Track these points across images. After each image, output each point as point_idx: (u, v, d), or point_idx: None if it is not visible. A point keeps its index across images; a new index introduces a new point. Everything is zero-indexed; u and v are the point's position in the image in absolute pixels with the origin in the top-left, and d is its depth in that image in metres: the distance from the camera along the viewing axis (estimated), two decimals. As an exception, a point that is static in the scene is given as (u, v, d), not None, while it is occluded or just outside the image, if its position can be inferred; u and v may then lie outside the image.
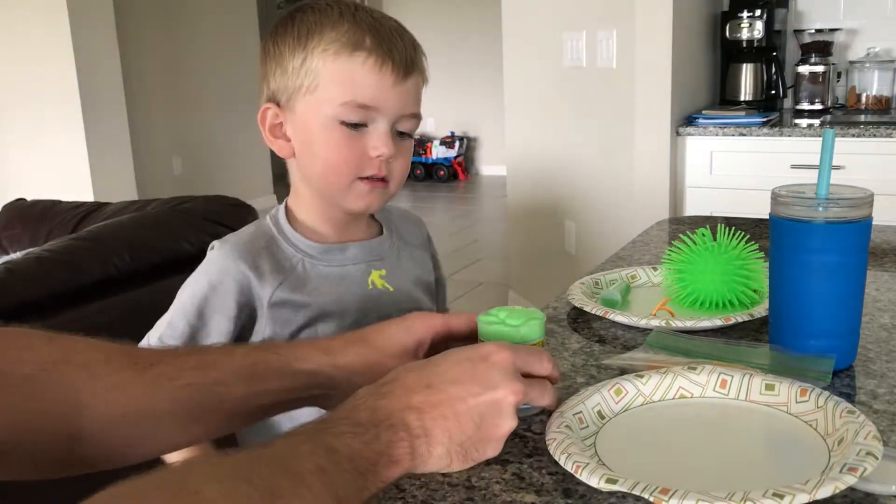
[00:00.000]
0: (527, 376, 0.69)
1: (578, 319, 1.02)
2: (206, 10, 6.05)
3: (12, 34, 4.57)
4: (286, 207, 1.00)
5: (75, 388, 0.66)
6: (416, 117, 0.94)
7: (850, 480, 0.57)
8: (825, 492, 0.55)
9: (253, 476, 0.52)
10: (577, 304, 1.02)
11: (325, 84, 0.90)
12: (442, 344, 0.79)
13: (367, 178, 0.92)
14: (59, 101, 4.52)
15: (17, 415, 0.64)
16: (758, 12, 2.94)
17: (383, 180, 0.93)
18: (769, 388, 0.74)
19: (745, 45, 2.99)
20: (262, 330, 0.94)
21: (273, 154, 0.96)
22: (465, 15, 7.47)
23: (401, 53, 0.90)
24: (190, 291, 0.94)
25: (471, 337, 0.79)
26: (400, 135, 0.93)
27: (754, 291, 1.02)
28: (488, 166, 7.68)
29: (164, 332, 0.93)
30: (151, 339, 0.94)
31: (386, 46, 0.90)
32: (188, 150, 5.98)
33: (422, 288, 1.06)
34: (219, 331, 0.93)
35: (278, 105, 0.94)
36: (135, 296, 1.68)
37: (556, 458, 0.64)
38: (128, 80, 4.90)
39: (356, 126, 0.90)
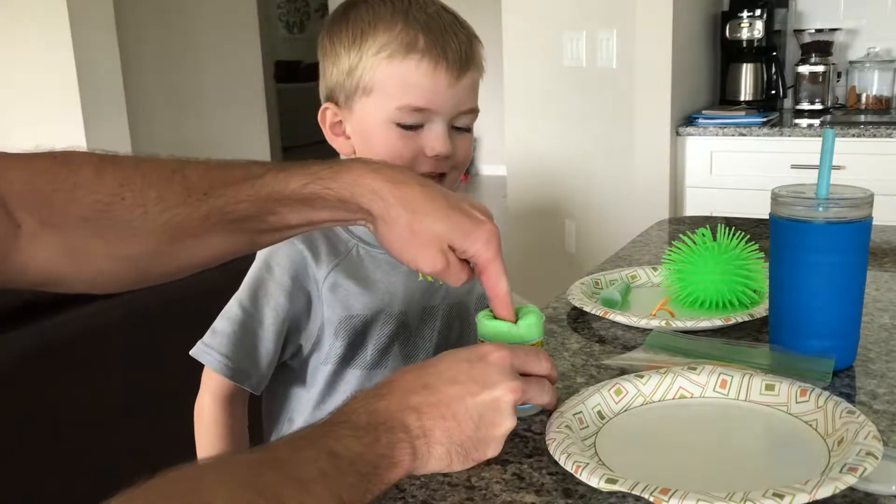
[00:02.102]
0: (525, 376, 0.69)
1: (578, 319, 1.02)
2: (206, 9, 6.05)
3: (12, 34, 4.57)
4: None
5: (131, 226, 0.68)
6: (473, 112, 0.94)
7: (850, 480, 0.57)
8: (825, 492, 0.55)
9: (259, 483, 0.52)
10: (577, 304, 1.02)
11: (380, 87, 0.89)
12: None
13: (423, 174, 0.90)
14: (58, 101, 4.52)
15: (78, 253, 0.68)
16: (758, 12, 2.94)
17: (442, 175, 0.93)
18: (769, 388, 0.74)
19: (745, 45, 2.99)
20: (320, 314, 0.95)
21: (272, 153, 0.95)
22: (464, 15, 7.45)
23: (455, 51, 0.90)
24: (249, 273, 0.96)
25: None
26: (457, 129, 0.93)
27: (754, 291, 1.02)
28: (488, 166, 7.67)
29: (225, 311, 0.96)
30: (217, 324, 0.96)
31: (440, 45, 0.89)
32: (188, 150, 5.97)
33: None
34: (274, 306, 0.94)
35: (336, 104, 0.94)
36: (135, 296, 1.67)
37: (556, 458, 0.64)
38: (128, 80, 4.90)
39: (413, 127, 0.90)
